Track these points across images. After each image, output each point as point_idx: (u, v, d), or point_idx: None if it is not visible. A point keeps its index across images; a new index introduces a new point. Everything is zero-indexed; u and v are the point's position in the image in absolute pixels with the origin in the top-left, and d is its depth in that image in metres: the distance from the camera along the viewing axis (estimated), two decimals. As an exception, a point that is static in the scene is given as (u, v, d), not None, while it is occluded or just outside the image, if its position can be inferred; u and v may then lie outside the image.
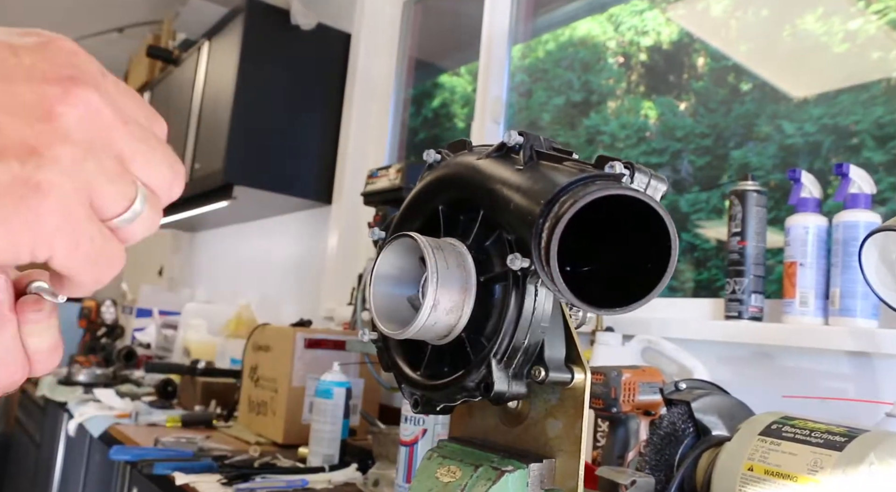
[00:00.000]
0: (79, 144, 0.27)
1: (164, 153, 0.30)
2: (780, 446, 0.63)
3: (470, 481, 0.52)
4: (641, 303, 0.41)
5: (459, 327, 0.52)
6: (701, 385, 0.86)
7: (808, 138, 1.41)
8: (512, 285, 0.49)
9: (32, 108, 0.26)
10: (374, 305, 0.54)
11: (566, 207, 0.39)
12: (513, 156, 0.51)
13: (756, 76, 1.56)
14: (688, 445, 0.80)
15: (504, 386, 0.50)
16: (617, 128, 1.88)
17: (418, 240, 0.51)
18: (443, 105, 2.50)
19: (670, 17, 1.80)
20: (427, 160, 0.58)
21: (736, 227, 1.18)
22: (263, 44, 2.32)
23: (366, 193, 1.61)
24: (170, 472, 1.25)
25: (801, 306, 1.07)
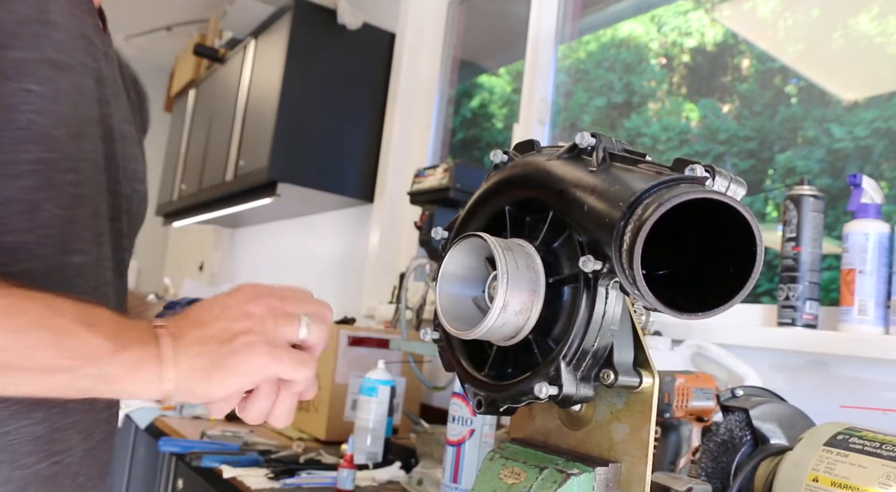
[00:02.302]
0: (264, 319, 0.58)
1: (313, 300, 0.63)
2: (847, 457, 0.61)
3: (535, 484, 0.52)
4: (725, 307, 0.40)
5: (527, 329, 0.52)
6: (758, 392, 0.85)
7: (859, 142, 1.38)
8: (583, 288, 0.49)
9: (243, 314, 0.58)
10: (440, 305, 0.54)
11: (651, 209, 0.39)
12: (584, 157, 0.51)
13: (804, 78, 1.53)
14: (745, 453, 0.78)
15: (572, 389, 0.50)
16: (658, 130, 1.86)
17: (488, 240, 0.51)
18: (482, 105, 2.49)
19: (715, 17, 1.77)
20: (494, 160, 0.58)
21: (791, 232, 1.15)
22: (309, 43, 2.34)
23: (412, 192, 1.61)
24: (217, 465, 1.26)
25: (860, 314, 1.05)
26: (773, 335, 1.15)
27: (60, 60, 0.69)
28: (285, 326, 0.58)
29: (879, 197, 1.09)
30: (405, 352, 1.58)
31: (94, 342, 0.53)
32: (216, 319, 0.58)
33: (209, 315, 0.58)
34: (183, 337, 0.56)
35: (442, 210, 1.55)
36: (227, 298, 0.60)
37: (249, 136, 2.51)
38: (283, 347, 0.57)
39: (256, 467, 1.29)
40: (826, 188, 1.26)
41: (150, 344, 0.55)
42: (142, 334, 0.56)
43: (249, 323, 0.57)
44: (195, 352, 0.56)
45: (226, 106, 2.80)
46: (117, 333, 0.55)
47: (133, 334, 0.56)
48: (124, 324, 0.57)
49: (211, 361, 0.55)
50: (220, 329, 0.57)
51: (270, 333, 0.57)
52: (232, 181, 2.58)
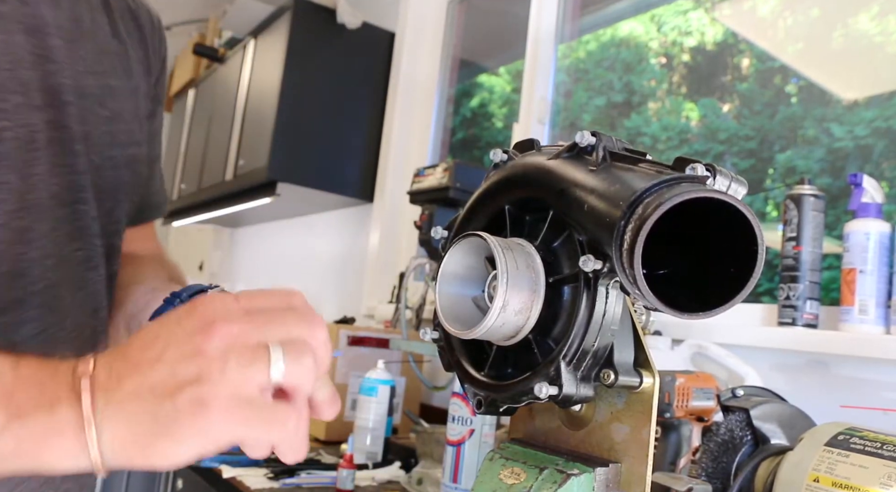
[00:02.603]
0: (220, 358, 0.39)
1: (293, 317, 0.43)
2: (848, 457, 0.61)
3: (535, 484, 0.52)
4: (726, 307, 0.40)
5: (527, 329, 0.51)
6: (758, 392, 0.85)
7: (859, 142, 1.38)
8: (583, 287, 0.49)
9: (191, 351, 0.40)
10: (439, 305, 0.54)
11: (651, 208, 0.39)
12: (585, 156, 0.50)
13: (804, 77, 1.53)
14: (746, 453, 0.78)
15: (573, 389, 0.49)
16: (658, 129, 1.85)
17: (488, 240, 0.51)
18: (481, 105, 2.49)
19: (715, 17, 1.77)
20: (493, 160, 0.58)
21: (791, 231, 1.15)
22: (309, 42, 2.34)
23: (412, 191, 1.61)
24: (217, 465, 1.26)
25: (861, 314, 1.05)
26: (774, 335, 1.15)
27: None
28: (248, 366, 0.40)
29: (880, 196, 1.09)
30: (405, 352, 1.57)
31: None
32: (158, 359, 0.41)
33: (150, 353, 0.41)
34: (114, 390, 0.40)
35: (442, 209, 1.55)
36: (176, 325, 0.42)
37: (249, 135, 2.51)
38: (249, 397, 0.40)
39: (256, 466, 1.28)
40: (826, 188, 1.25)
41: (62, 405, 0.40)
42: (56, 391, 0.40)
43: (200, 366, 0.40)
44: (128, 413, 0.40)
45: (225, 105, 2.80)
46: (13, 395, 0.40)
47: (41, 394, 0.40)
48: (28, 378, 0.41)
49: (149, 427, 0.39)
50: (161, 378, 0.40)
51: (230, 380, 0.39)
52: (231, 181, 2.58)
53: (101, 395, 0.40)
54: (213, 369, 0.39)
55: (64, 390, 0.40)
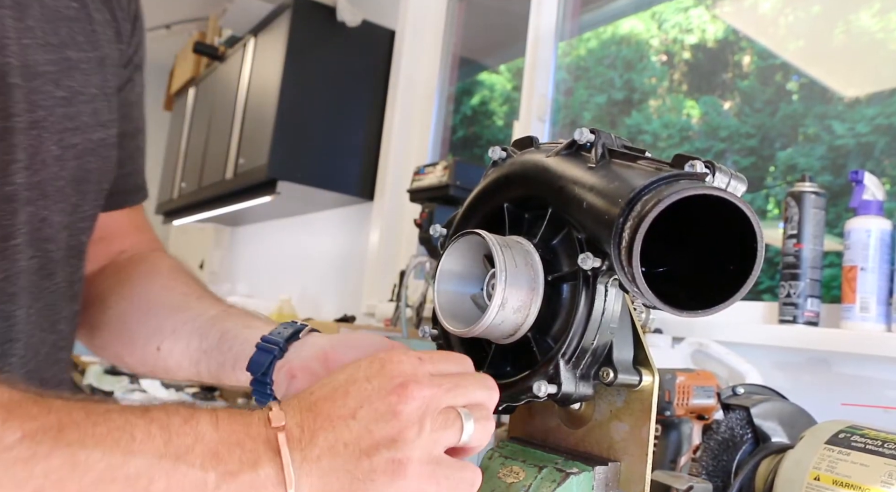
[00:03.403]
0: (417, 421, 0.42)
1: (474, 382, 0.46)
2: (849, 456, 0.61)
3: (535, 483, 0.51)
4: (725, 305, 0.40)
5: (526, 327, 0.51)
6: (759, 390, 0.85)
7: (860, 139, 1.38)
8: (582, 285, 0.49)
9: (387, 412, 0.42)
10: (438, 303, 0.54)
11: (650, 206, 0.38)
12: (583, 154, 0.50)
13: (805, 75, 1.52)
14: (746, 451, 0.78)
15: (572, 387, 0.49)
16: (659, 127, 1.85)
17: (486, 237, 0.50)
18: (482, 103, 2.49)
19: (716, 14, 1.76)
20: (492, 157, 0.58)
21: (792, 229, 1.15)
22: (309, 40, 2.34)
23: (412, 189, 1.61)
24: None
25: (862, 312, 1.04)
26: (775, 333, 1.15)
27: None
28: (442, 430, 0.43)
29: (881, 194, 1.09)
30: (405, 350, 1.57)
31: (189, 479, 0.40)
32: (351, 416, 0.42)
33: (342, 409, 0.42)
34: (309, 446, 0.41)
35: (442, 208, 1.55)
36: (366, 382, 0.43)
37: (249, 134, 2.50)
38: (439, 460, 0.43)
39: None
40: (827, 185, 1.25)
41: (264, 463, 0.41)
42: (255, 449, 0.41)
43: (396, 428, 0.41)
44: (325, 469, 0.41)
45: (225, 104, 2.80)
46: (217, 454, 0.41)
47: (243, 452, 0.41)
48: (228, 436, 0.41)
49: (346, 483, 0.41)
50: (356, 435, 0.41)
51: (425, 443, 0.42)
52: (232, 179, 2.57)
53: (297, 452, 0.41)
54: (409, 433, 0.42)
55: (261, 446, 0.42)
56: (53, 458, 0.37)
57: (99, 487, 0.38)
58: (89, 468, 0.38)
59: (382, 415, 0.42)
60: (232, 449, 0.41)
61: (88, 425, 0.39)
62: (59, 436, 0.38)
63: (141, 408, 0.42)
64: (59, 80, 0.58)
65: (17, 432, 0.37)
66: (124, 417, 0.41)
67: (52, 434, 0.38)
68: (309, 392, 0.44)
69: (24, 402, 0.40)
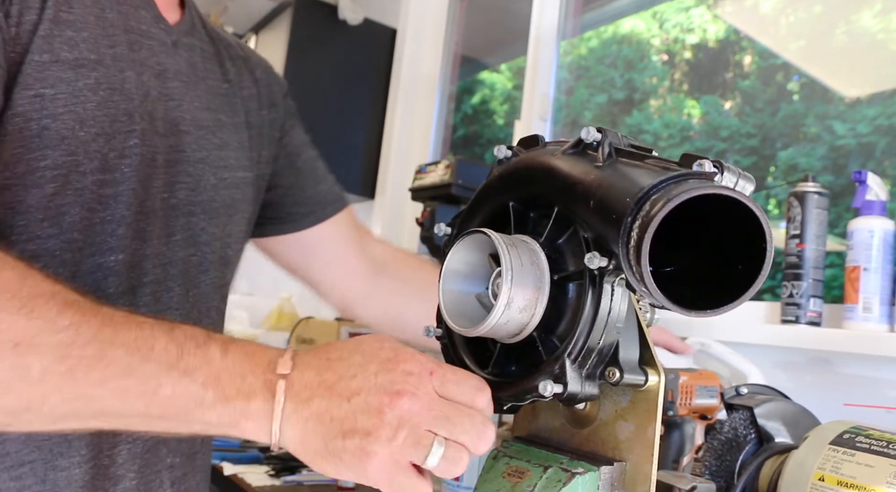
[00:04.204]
0: (394, 428, 0.47)
1: (468, 422, 0.49)
2: (854, 456, 0.61)
3: (540, 483, 0.51)
4: (734, 305, 0.40)
5: (532, 326, 0.51)
6: (762, 390, 0.84)
7: (862, 139, 1.38)
8: (588, 284, 0.48)
9: (375, 408, 0.47)
10: (443, 302, 0.54)
11: (659, 205, 0.38)
12: (590, 152, 0.50)
13: (806, 75, 1.52)
14: (749, 451, 0.78)
15: (578, 387, 0.49)
16: (660, 127, 1.85)
17: (492, 236, 0.50)
18: (482, 102, 2.49)
19: (717, 14, 1.76)
20: (498, 156, 0.58)
21: (794, 229, 1.15)
22: (310, 38, 2.33)
23: (414, 188, 1.61)
24: (218, 462, 1.26)
25: (865, 312, 1.04)
26: (777, 333, 1.15)
27: (78, 58, 0.66)
28: (411, 447, 0.47)
29: (884, 194, 1.09)
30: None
31: (190, 392, 0.49)
32: (347, 398, 0.48)
33: (343, 387, 0.48)
34: (302, 404, 0.48)
35: (444, 207, 1.55)
36: (374, 376, 0.49)
37: (250, 132, 2.50)
38: (402, 466, 0.48)
39: (257, 463, 1.28)
40: (828, 185, 1.25)
41: (258, 398, 0.49)
42: (254, 384, 0.49)
43: (375, 425, 0.47)
44: (306, 428, 0.48)
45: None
46: (219, 378, 0.49)
47: (242, 383, 0.49)
48: (233, 367, 0.50)
49: (319, 447, 0.48)
50: (344, 414, 0.48)
51: (392, 449, 0.47)
52: (232, 177, 2.57)
53: (290, 403, 0.49)
54: (383, 433, 0.47)
55: (260, 384, 0.49)
56: (88, 348, 0.48)
57: (118, 378, 0.48)
58: (113, 362, 0.48)
59: (370, 409, 0.47)
60: (233, 378, 0.50)
61: (122, 330, 0.50)
62: (97, 332, 0.49)
63: (169, 326, 0.51)
64: (215, 133, 0.80)
65: (67, 320, 0.49)
66: (152, 331, 0.51)
67: (93, 329, 0.49)
68: (326, 356, 0.51)
69: (82, 302, 0.51)
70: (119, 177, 0.68)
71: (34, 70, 0.63)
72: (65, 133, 0.64)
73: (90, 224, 0.66)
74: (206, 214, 0.78)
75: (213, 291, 0.81)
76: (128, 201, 0.69)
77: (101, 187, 0.67)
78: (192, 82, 0.78)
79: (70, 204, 0.65)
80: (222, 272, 0.83)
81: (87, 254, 0.66)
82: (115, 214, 0.68)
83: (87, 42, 0.67)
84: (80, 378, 0.48)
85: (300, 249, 1.00)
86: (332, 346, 0.52)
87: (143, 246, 0.71)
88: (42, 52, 0.64)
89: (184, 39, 0.79)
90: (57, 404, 0.49)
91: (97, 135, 0.66)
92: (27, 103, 0.63)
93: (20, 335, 0.48)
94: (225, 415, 0.49)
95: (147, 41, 0.73)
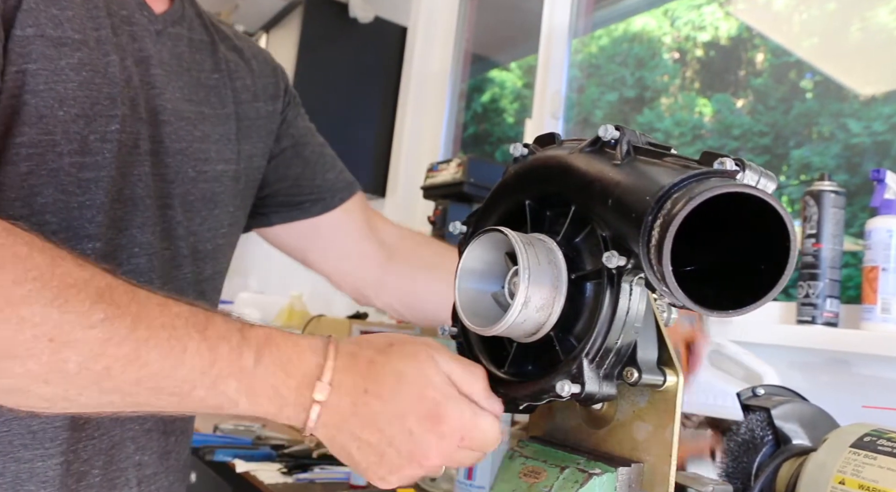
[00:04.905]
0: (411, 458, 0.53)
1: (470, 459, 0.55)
2: (875, 460, 0.60)
3: (557, 484, 0.51)
4: (757, 305, 0.39)
5: (548, 326, 0.50)
6: (779, 391, 0.83)
7: (877, 137, 1.36)
8: (606, 284, 0.48)
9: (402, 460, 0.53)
10: (459, 301, 0.53)
11: (681, 204, 0.38)
12: (608, 150, 0.49)
13: (819, 72, 1.51)
14: (767, 453, 0.77)
15: (595, 387, 0.49)
16: (671, 125, 1.84)
17: (509, 235, 0.50)
18: (492, 100, 2.48)
19: (729, 11, 1.75)
20: (514, 154, 0.57)
21: (811, 228, 1.14)
22: (321, 37, 2.33)
23: (426, 186, 1.61)
24: (230, 459, 1.26)
25: (883, 313, 1.03)
26: (793, 333, 1.13)
27: (62, 37, 0.63)
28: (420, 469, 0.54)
29: (902, 193, 1.08)
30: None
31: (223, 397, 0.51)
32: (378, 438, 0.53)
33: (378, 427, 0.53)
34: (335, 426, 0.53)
35: (455, 205, 1.55)
36: (415, 429, 0.53)
37: (261, 130, 2.50)
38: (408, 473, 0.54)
39: (269, 461, 1.28)
40: (842, 184, 1.24)
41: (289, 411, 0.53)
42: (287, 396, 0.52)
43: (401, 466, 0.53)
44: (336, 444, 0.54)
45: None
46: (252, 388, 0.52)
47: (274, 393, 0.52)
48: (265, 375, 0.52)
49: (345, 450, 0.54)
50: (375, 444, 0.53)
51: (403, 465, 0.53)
52: (243, 176, 2.57)
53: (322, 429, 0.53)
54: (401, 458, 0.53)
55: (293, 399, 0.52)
56: (123, 346, 0.48)
57: (153, 379, 0.49)
58: (147, 364, 0.49)
59: (399, 457, 0.53)
60: (266, 388, 0.51)
61: (157, 327, 0.49)
62: (131, 331, 0.48)
63: (203, 321, 0.51)
64: (196, 124, 0.78)
65: (102, 314, 0.48)
66: (186, 328, 0.50)
67: (127, 326, 0.48)
68: (364, 387, 0.53)
69: (115, 289, 0.50)
70: (100, 161, 0.66)
71: (17, 45, 0.61)
72: (43, 111, 0.62)
73: (66, 208, 0.64)
74: (183, 206, 0.76)
75: (188, 286, 0.78)
76: (106, 188, 0.67)
77: (81, 171, 0.65)
78: (176, 72, 0.76)
79: (43, 184, 0.63)
80: (199, 267, 0.80)
81: (62, 239, 0.63)
82: (95, 199, 0.66)
83: (72, 21, 0.65)
84: (116, 376, 0.49)
85: (311, 237, 0.99)
86: (373, 366, 0.53)
87: (119, 236, 0.69)
88: (25, 26, 0.62)
89: (170, 29, 0.77)
90: (94, 396, 0.50)
91: (77, 116, 0.64)
92: (10, 79, 0.61)
93: (54, 330, 0.47)
94: (258, 417, 0.53)
95: (128, 27, 0.71)
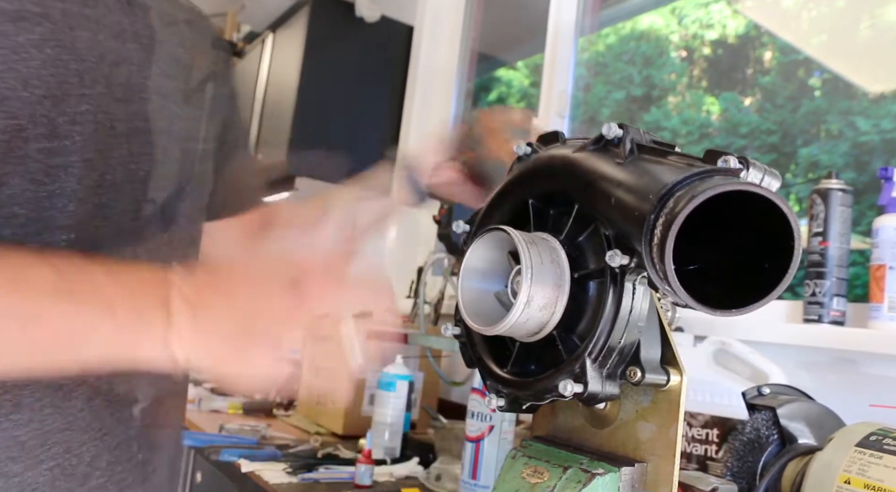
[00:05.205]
0: None
1: None
2: (881, 459, 0.60)
3: (559, 483, 0.51)
4: (761, 303, 0.39)
5: (551, 325, 0.50)
6: (785, 391, 0.83)
7: (886, 135, 1.35)
8: (609, 283, 0.48)
9: None
10: (461, 300, 0.53)
11: (683, 202, 0.37)
12: (611, 149, 0.49)
13: (828, 70, 1.50)
14: (772, 452, 0.77)
15: (598, 386, 0.48)
16: (678, 123, 1.83)
17: (511, 234, 0.49)
18: (499, 99, 2.48)
19: (737, 9, 1.74)
20: (517, 153, 0.57)
21: (817, 227, 1.13)
22: (327, 36, 2.34)
23: (430, 185, 1.60)
24: (236, 459, 1.26)
25: (891, 311, 1.02)
26: (799, 332, 1.13)
27: (19, 10, 0.58)
28: None
29: (910, 191, 1.07)
30: (423, 347, 1.57)
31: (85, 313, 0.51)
32: (250, 305, 0.55)
33: (245, 298, 0.55)
34: (204, 306, 0.54)
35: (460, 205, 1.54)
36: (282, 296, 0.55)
37: (267, 130, 2.51)
38: None
39: (274, 461, 1.28)
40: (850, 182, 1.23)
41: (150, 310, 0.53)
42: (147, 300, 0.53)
43: None
44: (210, 326, 0.54)
45: (244, 100, 2.80)
46: (114, 304, 0.52)
47: (133, 300, 0.53)
48: (126, 294, 0.53)
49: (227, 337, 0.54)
50: (249, 312, 0.54)
51: None
52: (250, 175, 2.58)
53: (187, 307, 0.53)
54: None
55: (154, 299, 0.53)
56: None
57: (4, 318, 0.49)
58: None
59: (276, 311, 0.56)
60: (125, 301, 0.52)
61: None
62: None
63: None
64: (177, 102, 0.75)
65: None
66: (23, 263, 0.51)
67: None
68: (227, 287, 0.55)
69: None
70: (70, 145, 0.62)
71: None
72: (6, 93, 0.57)
73: (35, 198, 0.60)
74: (174, 187, 0.74)
75: (174, 253, 0.76)
76: (79, 174, 0.63)
77: (49, 157, 0.61)
78: (151, 46, 0.71)
79: (10, 174, 0.58)
80: (193, 253, 0.80)
81: (31, 232, 0.60)
82: (66, 187, 0.62)
83: None
84: None
85: None
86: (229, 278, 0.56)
87: (105, 224, 0.66)
88: None
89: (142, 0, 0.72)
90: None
91: (43, 97, 0.59)
92: None
93: None
94: (119, 332, 0.52)
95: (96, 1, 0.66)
